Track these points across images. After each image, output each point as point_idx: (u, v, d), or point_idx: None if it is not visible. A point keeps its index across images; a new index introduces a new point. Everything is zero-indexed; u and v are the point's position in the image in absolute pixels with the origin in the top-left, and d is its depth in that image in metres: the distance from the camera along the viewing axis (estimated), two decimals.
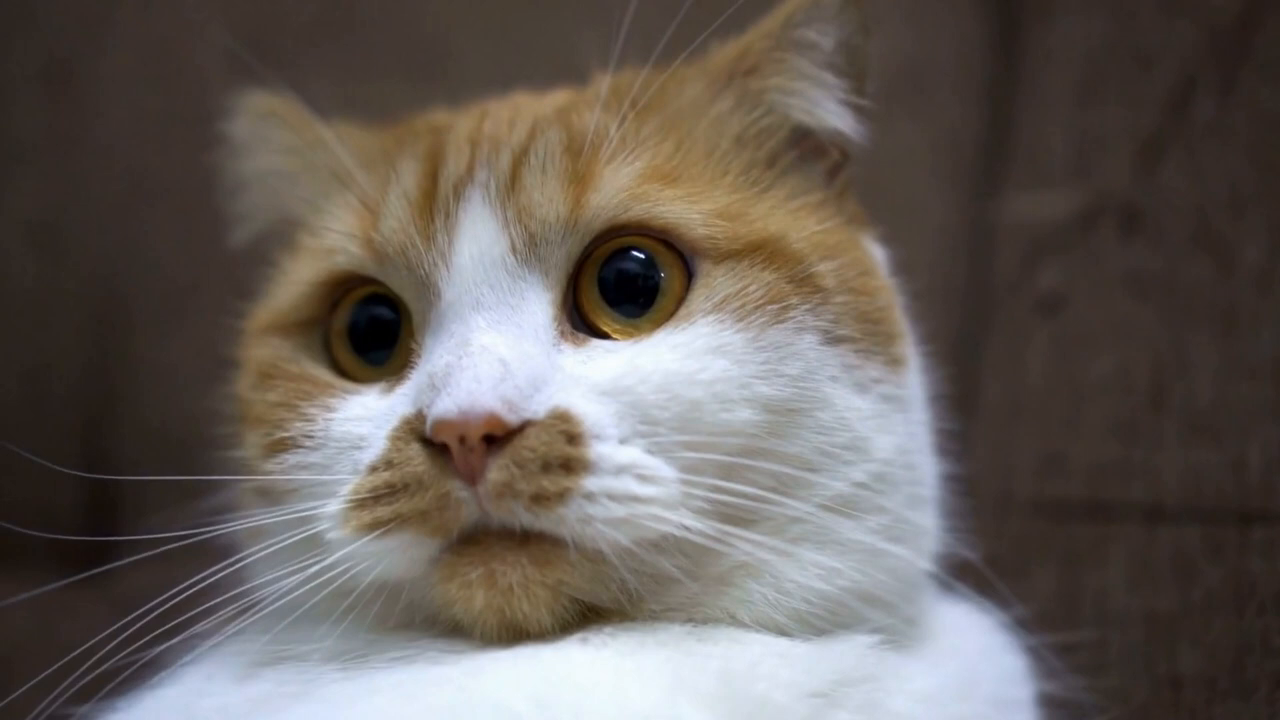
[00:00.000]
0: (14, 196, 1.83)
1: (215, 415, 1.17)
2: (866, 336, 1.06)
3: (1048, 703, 1.15)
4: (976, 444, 1.35)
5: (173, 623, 1.01)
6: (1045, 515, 1.48)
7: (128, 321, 1.80)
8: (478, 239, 1.02)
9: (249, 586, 1.04)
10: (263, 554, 1.04)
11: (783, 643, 1.00)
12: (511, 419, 0.94)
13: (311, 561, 0.99)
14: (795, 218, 1.08)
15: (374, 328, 1.08)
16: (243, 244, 1.24)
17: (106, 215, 1.81)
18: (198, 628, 1.02)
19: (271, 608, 1.01)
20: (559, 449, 0.94)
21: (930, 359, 1.17)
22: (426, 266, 1.03)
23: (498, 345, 0.97)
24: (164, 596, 1.00)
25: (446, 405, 0.94)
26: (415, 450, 0.97)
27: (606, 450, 0.96)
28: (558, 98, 1.15)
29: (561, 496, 0.94)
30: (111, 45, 1.85)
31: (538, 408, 0.96)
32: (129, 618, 1.01)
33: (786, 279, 1.03)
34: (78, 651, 1.02)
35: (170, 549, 1.02)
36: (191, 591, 1.01)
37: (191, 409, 1.22)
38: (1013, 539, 1.44)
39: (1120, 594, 1.39)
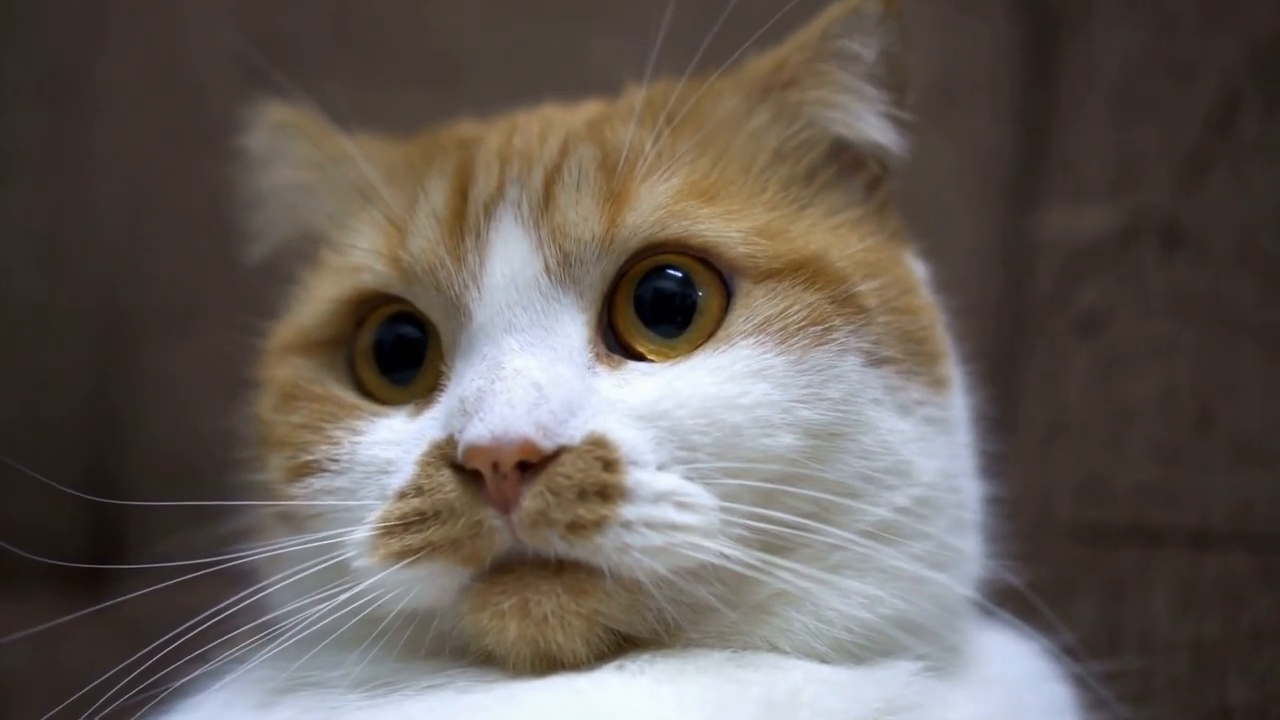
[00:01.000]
0: (14, 209, 1.83)
1: (224, 435, 1.17)
2: (909, 357, 1.06)
3: None
4: (1014, 467, 1.33)
5: (188, 655, 1.00)
6: (1086, 540, 1.47)
7: (132, 338, 1.80)
8: (510, 259, 1.01)
9: (270, 616, 1.03)
10: (285, 582, 1.03)
11: (825, 670, 0.99)
12: (546, 445, 0.94)
13: (337, 590, 0.98)
14: (836, 235, 1.07)
15: (400, 347, 1.07)
16: (259, 260, 1.23)
17: (110, 228, 1.81)
18: (215, 658, 1.01)
19: (296, 638, 1.00)
20: (595, 476, 0.94)
21: (973, 377, 1.16)
22: (457, 288, 1.02)
23: (531, 368, 0.97)
24: (184, 627, 0.99)
25: (479, 431, 0.93)
26: (446, 476, 0.96)
27: (644, 477, 0.95)
28: (589, 111, 1.15)
29: (598, 525, 0.93)
30: (114, 54, 1.86)
31: (573, 433, 0.95)
32: (149, 648, 1.00)
33: (829, 299, 1.02)
34: (94, 684, 1.00)
35: (183, 576, 1.01)
36: (209, 621, 1.00)
37: (199, 428, 1.22)
38: (1052, 565, 1.42)
39: (1165, 622, 1.38)
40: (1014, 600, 1.13)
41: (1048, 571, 1.24)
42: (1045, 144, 1.70)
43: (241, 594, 1.02)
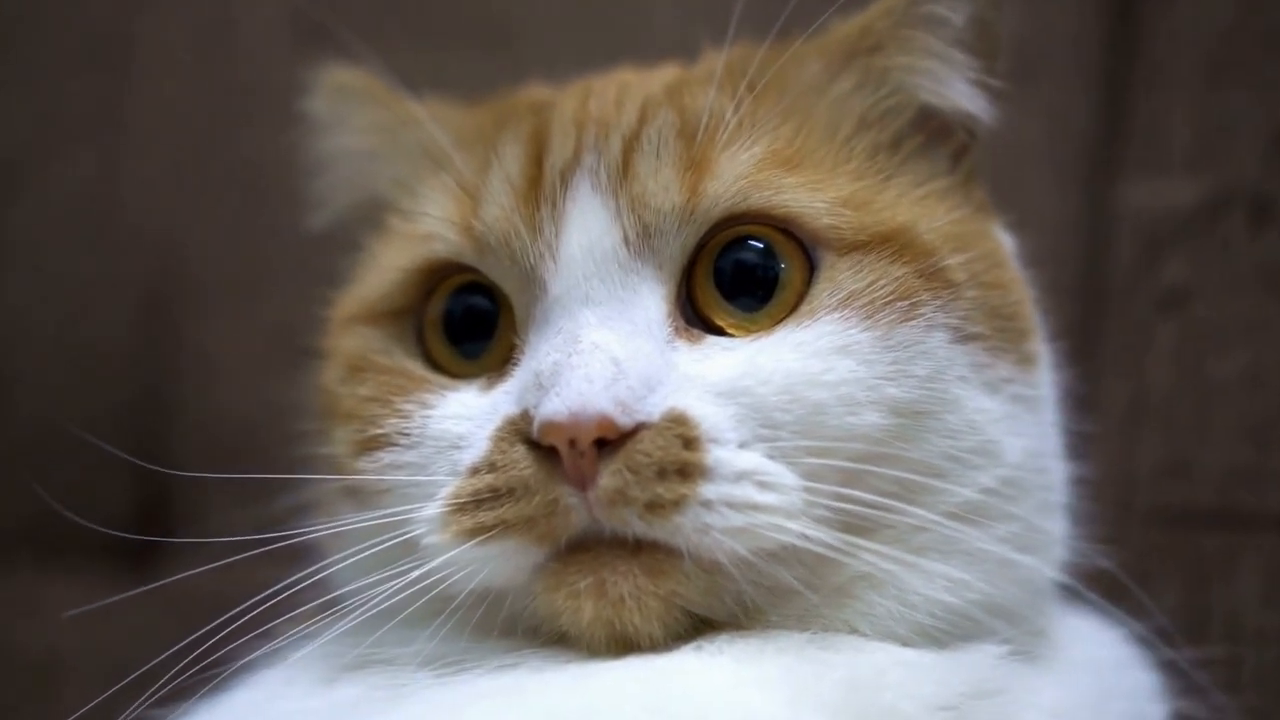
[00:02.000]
0: (60, 178, 1.84)
1: (274, 409, 1.17)
2: (997, 333, 1.05)
3: None
4: (1095, 448, 1.32)
5: (247, 633, 1.00)
6: (1169, 525, 1.46)
7: (179, 310, 1.80)
8: (588, 230, 1.01)
9: (334, 595, 1.03)
10: (350, 560, 1.03)
11: (908, 653, 0.99)
12: (625, 422, 0.93)
13: (407, 568, 0.98)
14: (923, 206, 1.06)
15: (470, 318, 1.07)
16: (322, 227, 1.23)
17: (158, 195, 1.82)
18: (277, 636, 1.01)
19: (363, 616, 0.99)
20: (675, 454, 0.93)
21: (1058, 356, 1.15)
22: (532, 258, 1.01)
23: (609, 343, 0.96)
24: (248, 604, 0.99)
25: (556, 406, 0.93)
26: (520, 453, 0.96)
27: (725, 455, 0.94)
28: (666, 75, 1.14)
29: (677, 504, 0.93)
30: (159, 16, 1.86)
31: (652, 409, 0.95)
32: (210, 625, 0.99)
33: (916, 273, 1.01)
34: (153, 663, 1.01)
35: (242, 554, 1.01)
36: (272, 599, 1.00)
37: (248, 402, 1.21)
38: (1134, 549, 1.41)
39: (1254, 609, 1.38)
40: (1099, 584, 1.11)
41: (1129, 557, 1.23)
42: (1128, 114, 1.68)
43: (304, 571, 1.02)
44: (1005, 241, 1.14)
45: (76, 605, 1.21)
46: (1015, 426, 1.04)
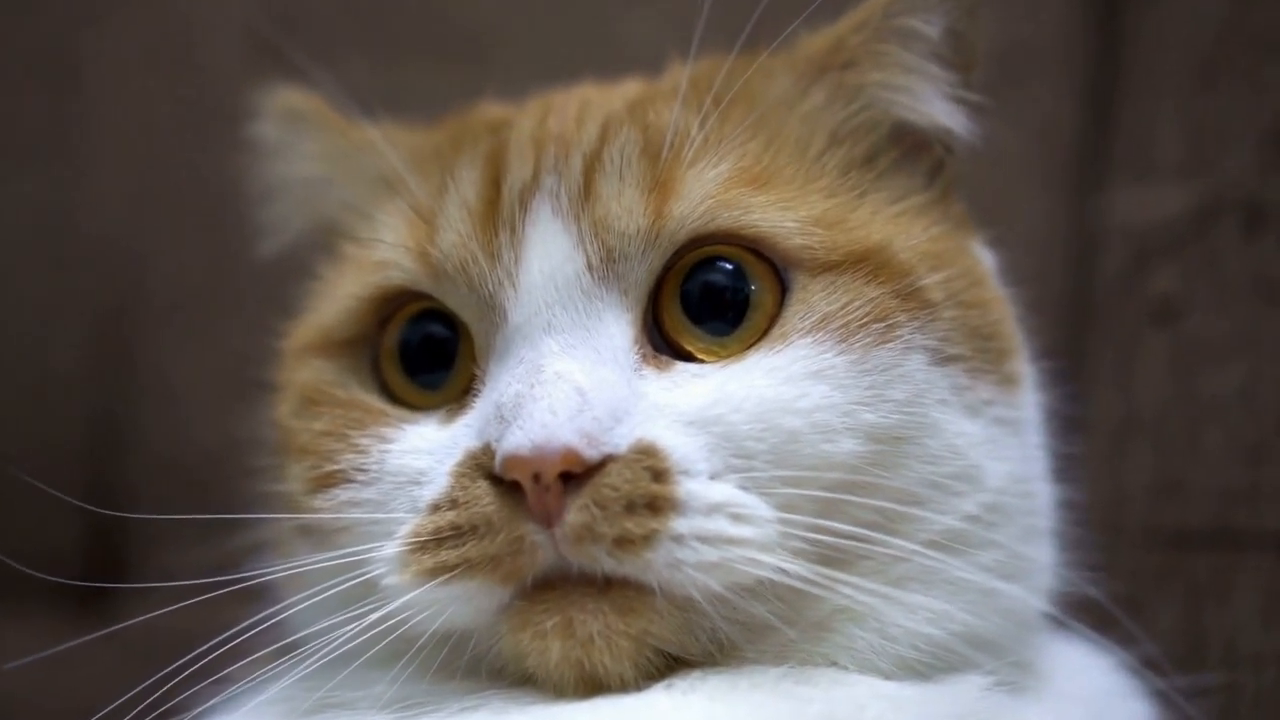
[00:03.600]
0: (11, 199, 1.83)
1: (233, 442, 1.16)
2: (978, 354, 1.05)
3: None
4: (1084, 468, 1.32)
5: (201, 678, 0.99)
6: (1163, 546, 1.46)
7: (134, 338, 1.80)
8: (549, 255, 1.00)
9: (293, 638, 1.02)
10: (308, 601, 1.02)
11: (889, 685, 0.98)
12: (591, 454, 0.92)
13: (367, 609, 0.97)
14: (899, 224, 1.06)
15: (428, 347, 1.06)
16: (272, 255, 1.23)
17: (109, 220, 1.81)
18: (233, 681, 1.00)
19: (322, 661, 0.98)
20: (644, 487, 0.93)
21: (1044, 374, 1.15)
22: (491, 286, 1.01)
23: (573, 372, 0.95)
24: (202, 649, 0.98)
25: (518, 440, 0.92)
26: (483, 488, 0.95)
27: (696, 487, 0.94)
28: (629, 90, 1.14)
29: (648, 540, 0.92)
30: (112, 31, 1.85)
31: (619, 441, 0.94)
32: (164, 671, 0.98)
33: (892, 294, 1.01)
34: (107, 710, 0.99)
35: (196, 598, 1.00)
36: (227, 643, 0.99)
37: (205, 434, 1.21)
38: (1126, 572, 1.41)
39: (1252, 632, 1.37)
40: (1090, 611, 1.12)
41: (1122, 580, 1.23)
42: (1115, 120, 1.68)
43: (260, 614, 1.01)
44: (985, 258, 1.14)
45: (29, 650, 1.20)
46: (998, 450, 1.04)
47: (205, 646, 0.98)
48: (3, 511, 1.61)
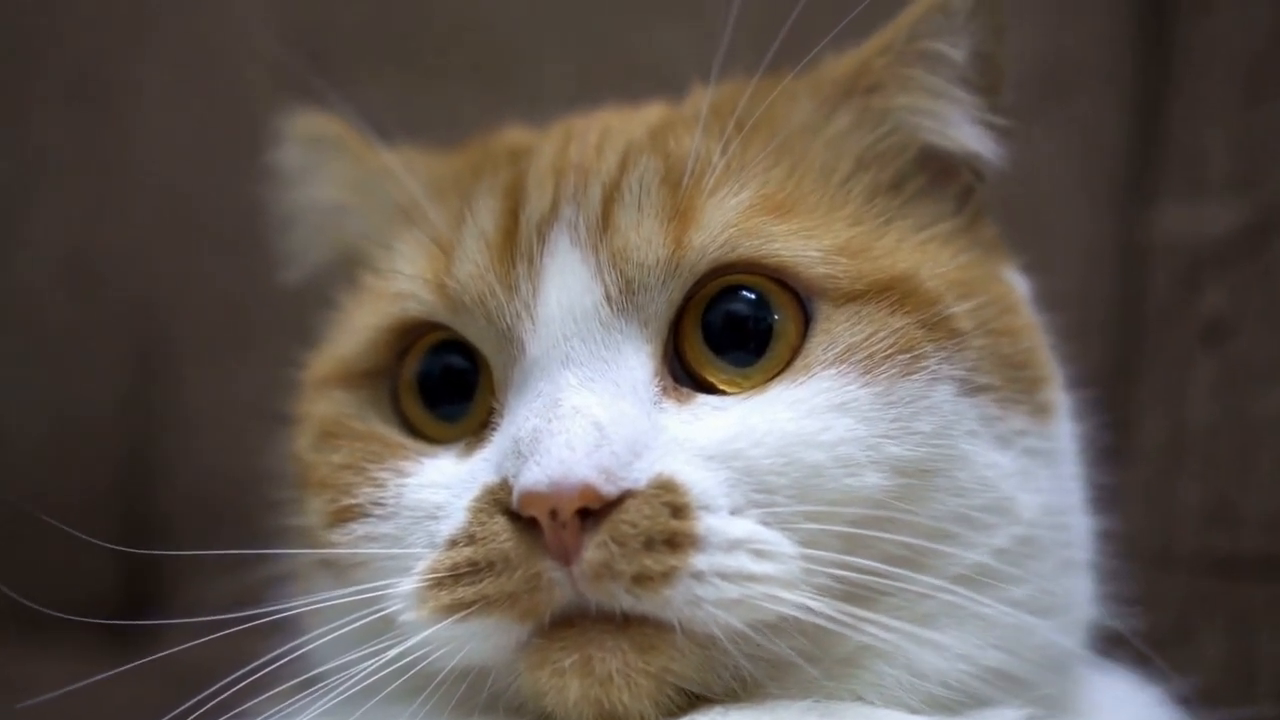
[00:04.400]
0: (43, 227, 1.85)
1: (268, 470, 1.16)
2: (1009, 383, 1.04)
3: None
4: (1131, 494, 1.31)
5: (228, 709, 0.99)
6: (1213, 573, 1.45)
7: (170, 363, 1.81)
8: (567, 287, 1.00)
9: (315, 672, 1.02)
10: (329, 636, 1.02)
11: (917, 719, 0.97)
12: (609, 490, 0.92)
13: (384, 645, 0.97)
14: (926, 252, 1.05)
15: (448, 378, 1.06)
16: (295, 283, 1.23)
17: (145, 246, 1.83)
18: (256, 715, 1.00)
19: (341, 696, 0.99)
20: (663, 523, 0.92)
21: (1083, 402, 1.14)
22: (509, 318, 1.01)
23: (591, 406, 0.95)
24: (222, 683, 0.98)
25: (536, 476, 0.92)
26: (500, 524, 0.95)
27: (717, 523, 0.93)
28: (650, 116, 1.14)
29: (667, 577, 0.92)
30: (148, 59, 1.87)
31: (638, 476, 0.93)
32: (183, 706, 0.99)
33: (918, 323, 1.00)
34: None
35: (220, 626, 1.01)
36: (253, 675, 0.99)
37: (241, 462, 1.21)
38: (1175, 601, 1.41)
39: None
40: (1136, 640, 1.10)
41: (1170, 609, 1.22)
42: (1163, 135, 1.67)
43: (283, 648, 1.01)
44: (1018, 284, 1.13)
45: (63, 684, 1.21)
46: (1030, 482, 1.03)
47: (226, 680, 0.98)
48: (34, 546, 1.62)
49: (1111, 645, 1.11)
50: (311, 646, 1.03)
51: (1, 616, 1.56)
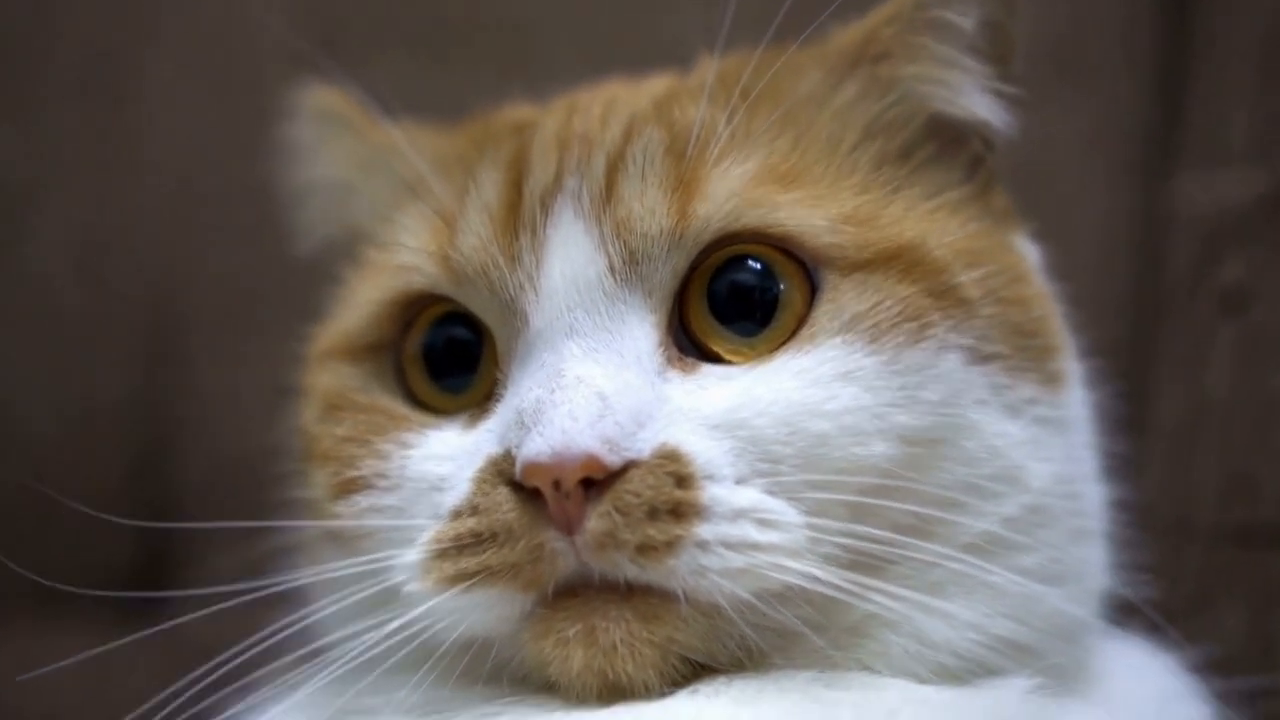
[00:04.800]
0: (55, 215, 1.85)
1: (278, 446, 1.17)
2: (1018, 352, 1.03)
3: None
4: (1150, 465, 1.31)
5: (239, 679, 1.01)
6: (1232, 544, 1.44)
7: (183, 347, 1.82)
8: (570, 258, 1.00)
9: (322, 643, 1.03)
10: (335, 607, 1.03)
11: (925, 690, 0.97)
12: (612, 460, 0.92)
13: (389, 616, 0.98)
14: (934, 220, 1.05)
15: (452, 350, 1.07)
16: (306, 257, 1.24)
17: (158, 232, 1.83)
18: (264, 685, 1.01)
19: (346, 667, 0.99)
20: (667, 493, 0.92)
21: (1097, 371, 1.14)
22: (511, 290, 1.01)
23: (595, 376, 0.95)
24: (226, 655, 1.00)
25: (538, 446, 0.92)
26: (503, 495, 0.95)
27: (721, 492, 0.93)
28: (656, 87, 1.14)
29: (671, 546, 0.92)
30: (159, 45, 1.86)
31: (642, 446, 0.94)
32: (186, 679, 1.00)
33: (926, 292, 1.00)
34: (139, 711, 1.01)
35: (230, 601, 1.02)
36: (260, 645, 1.00)
37: (256, 440, 1.21)
38: (1194, 572, 1.40)
39: None
40: (1153, 610, 1.10)
41: (1188, 578, 1.22)
42: (1183, 105, 1.66)
43: (288, 619, 1.02)
44: (1029, 253, 1.13)
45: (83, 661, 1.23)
46: (1040, 450, 1.03)
47: (232, 651, 0.99)
48: (51, 527, 1.64)
49: (1126, 615, 1.10)
50: (318, 618, 1.03)
51: (21, 596, 1.59)
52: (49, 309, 1.83)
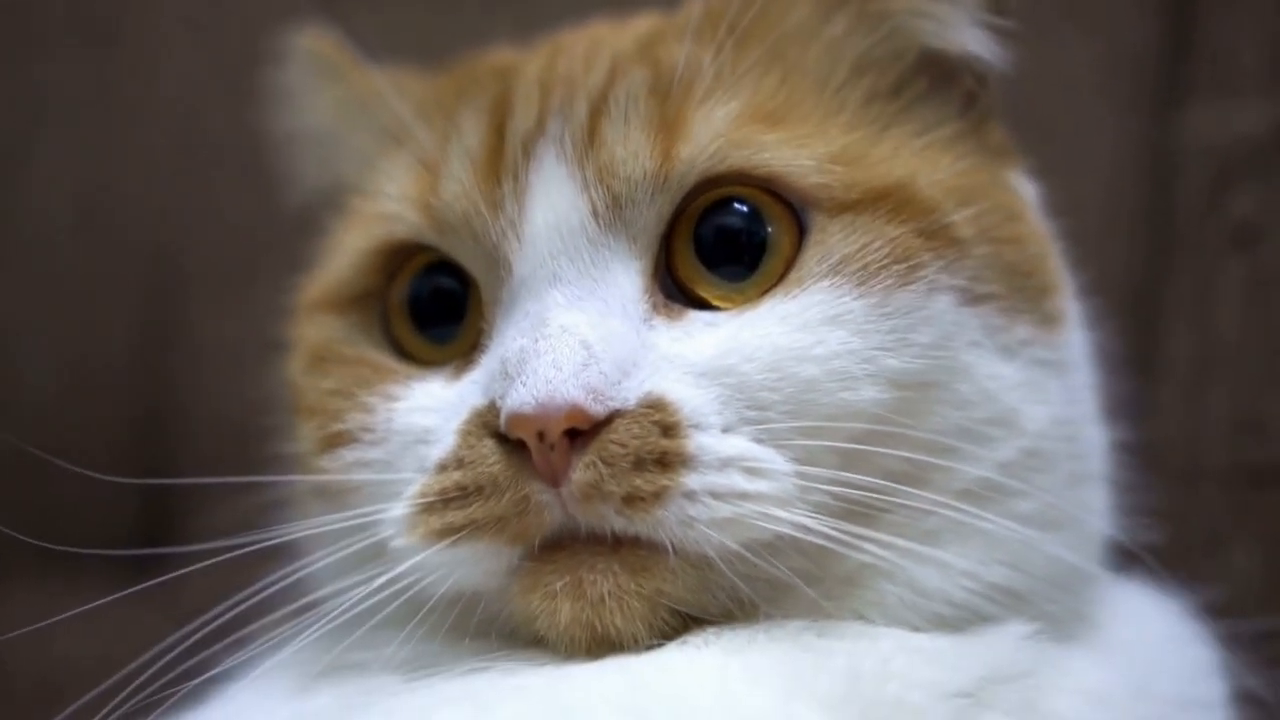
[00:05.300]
0: (54, 165, 1.85)
1: (272, 401, 1.16)
2: (1013, 292, 1.02)
3: (1248, 700, 1.11)
4: (1160, 405, 1.29)
5: (233, 635, 1.01)
6: (1243, 484, 1.43)
7: (185, 298, 1.81)
8: (553, 204, 0.99)
9: (313, 597, 1.03)
10: (324, 561, 1.02)
11: (919, 638, 0.97)
12: (597, 410, 0.92)
13: (377, 571, 0.98)
14: (925, 158, 1.04)
15: (438, 299, 1.06)
16: (299, 205, 1.23)
17: (159, 181, 1.82)
18: (255, 640, 1.01)
19: (336, 622, 0.99)
20: (653, 442, 0.92)
21: (1101, 310, 1.13)
22: (494, 237, 1.00)
23: (579, 325, 0.95)
24: (216, 610, 1.00)
25: (522, 397, 0.91)
26: (489, 447, 0.95)
27: (708, 441, 0.93)
28: (641, 26, 1.12)
29: (658, 496, 0.91)
30: None
31: (627, 395, 0.93)
32: (179, 634, 1.00)
33: (915, 232, 0.99)
34: (131, 667, 1.00)
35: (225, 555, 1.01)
36: (252, 600, 1.00)
37: (255, 392, 1.21)
38: (1204, 512, 1.39)
39: None
40: (1153, 554, 1.09)
41: (1199, 520, 1.21)
42: (1192, 32, 1.64)
43: (278, 573, 1.02)
44: (1025, 190, 1.11)
45: (84, 617, 1.22)
46: (1037, 393, 1.02)
47: (221, 607, 0.99)
48: (57, 482, 1.64)
49: (1132, 559, 1.10)
50: (309, 573, 1.03)
51: (24, 552, 1.60)
52: (46, 256, 1.83)
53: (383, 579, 0.97)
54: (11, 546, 1.49)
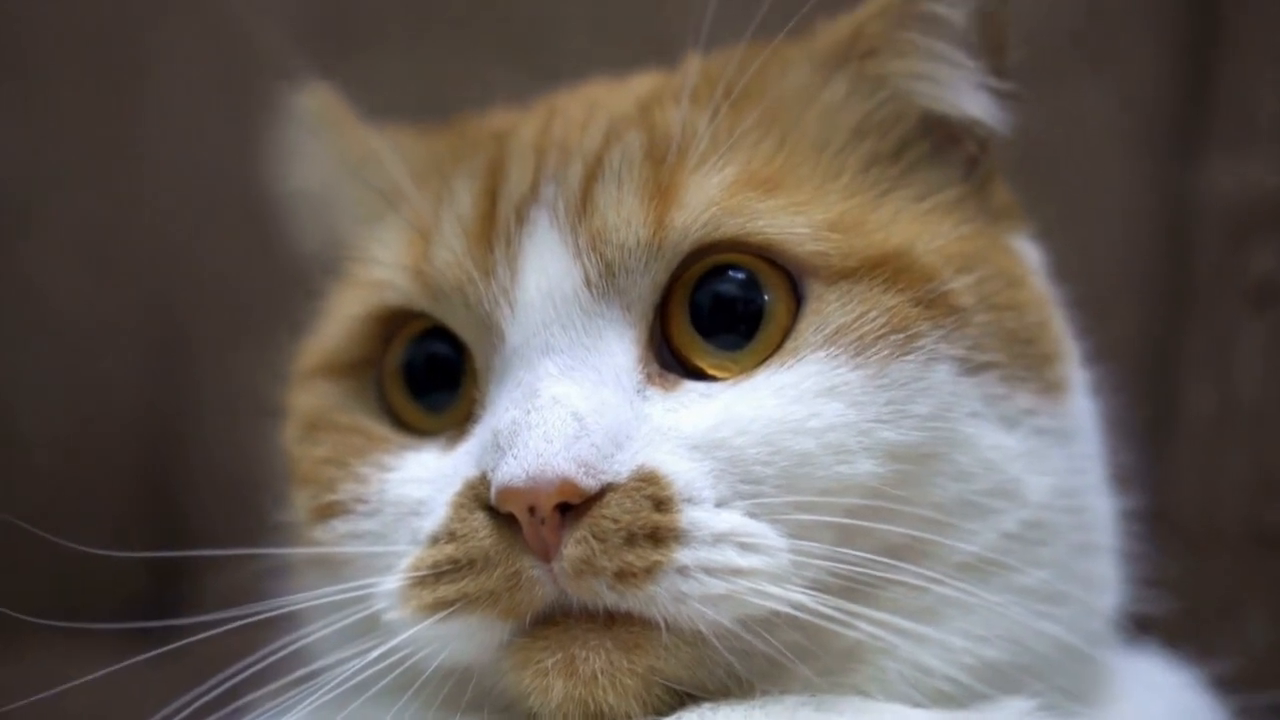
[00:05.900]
0: (60, 214, 1.84)
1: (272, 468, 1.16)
2: (1015, 360, 1.02)
3: None
4: (1176, 467, 1.28)
5: (234, 703, 1.01)
6: (1262, 549, 1.41)
7: (191, 350, 1.81)
8: (545, 271, 0.99)
9: (312, 668, 1.02)
10: (321, 632, 1.02)
11: (918, 714, 0.96)
12: (588, 484, 0.91)
13: (373, 643, 0.97)
14: (925, 223, 1.03)
15: (433, 367, 1.06)
16: (302, 264, 1.23)
17: (165, 231, 1.82)
18: (257, 708, 1.01)
19: (332, 694, 0.99)
20: (645, 517, 0.91)
21: (1115, 368, 1.13)
22: (487, 305, 1.00)
23: (571, 396, 0.94)
24: (217, 679, 0.99)
25: (513, 470, 0.91)
26: (480, 520, 0.95)
27: (701, 516, 0.92)
28: (640, 87, 1.12)
29: (650, 572, 0.91)
30: (168, 32, 1.86)
31: (619, 468, 0.93)
32: (181, 700, 1.00)
33: (913, 300, 0.98)
34: None
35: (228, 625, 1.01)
36: (253, 669, 1.00)
37: (264, 446, 1.21)
38: (1221, 578, 1.38)
39: None
40: (1165, 624, 1.10)
41: (1216, 585, 1.20)
42: (1211, 85, 1.63)
43: (278, 643, 1.01)
44: (1029, 254, 1.11)
45: (95, 684, 1.23)
46: (1039, 463, 1.01)
47: (223, 675, 0.99)
48: (56, 548, 1.66)
49: (1144, 628, 1.09)
50: (308, 642, 1.03)
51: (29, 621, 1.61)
52: (52, 303, 1.84)
53: (377, 652, 0.96)
54: (19, 609, 1.51)
